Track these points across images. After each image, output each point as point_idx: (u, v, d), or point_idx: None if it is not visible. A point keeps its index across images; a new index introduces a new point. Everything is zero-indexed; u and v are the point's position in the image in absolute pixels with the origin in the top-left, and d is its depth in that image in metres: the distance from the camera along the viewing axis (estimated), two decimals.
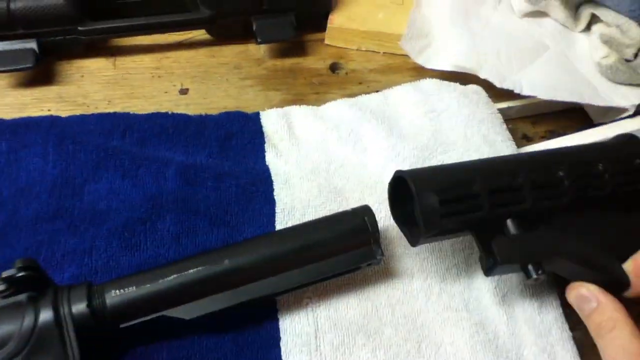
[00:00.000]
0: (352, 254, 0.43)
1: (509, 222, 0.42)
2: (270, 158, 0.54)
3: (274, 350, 0.43)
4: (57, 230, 0.48)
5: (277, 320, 0.45)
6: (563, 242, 0.42)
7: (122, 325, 0.40)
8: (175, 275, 0.41)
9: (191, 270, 0.41)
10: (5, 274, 0.38)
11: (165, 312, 0.40)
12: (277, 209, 0.50)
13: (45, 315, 0.38)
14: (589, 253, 0.42)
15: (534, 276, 0.40)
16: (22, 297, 0.39)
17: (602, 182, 0.44)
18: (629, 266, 0.42)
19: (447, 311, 0.46)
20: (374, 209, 0.45)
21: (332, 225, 0.44)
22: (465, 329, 0.45)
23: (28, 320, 0.38)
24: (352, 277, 0.47)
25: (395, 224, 0.47)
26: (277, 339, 0.44)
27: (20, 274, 0.38)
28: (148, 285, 0.40)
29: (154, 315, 0.40)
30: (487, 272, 0.42)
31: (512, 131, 0.58)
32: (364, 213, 0.44)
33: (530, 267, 0.41)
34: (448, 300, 0.46)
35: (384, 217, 0.50)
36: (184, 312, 0.41)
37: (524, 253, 0.41)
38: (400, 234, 0.49)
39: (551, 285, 0.47)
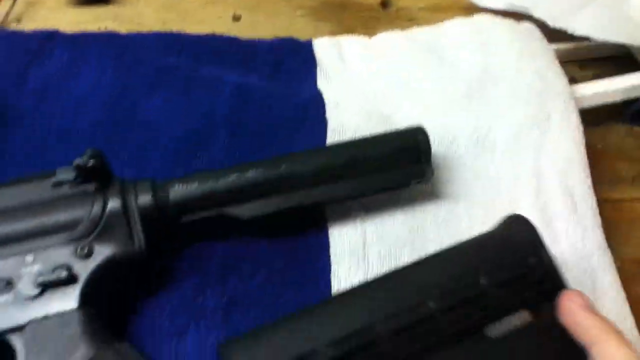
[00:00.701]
0: (403, 170, 0.45)
1: None
2: (322, 83, 0.55)
3: (323, 257, 0.45)
4: (115, 138, 0.50)
5: (326, 230, 0.46)
6: None
7: (183, 220, 0.42)
8: (235, 175, 0.42)
9: (250, 172, 0.42)
10: (76, 162, 0.40)
11: (224, 210, 0.42)
12: (329, 129, 0.51)
13: (113, 203, 0.40)
14: None
15: None
16: (90, 186, 0.41)
17: (488, 301, 0.36)
18: None
19: None
20: None
21: (386, 141, 0.45)
22: None
23: (97, 207, 0.40)
24: (399, 195, 0.48)
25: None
26: (326, 247, 0.46)
27: (90, 163, 0.40)
28: (210, 182, 0.42)
29: (213, 212, 0.42)
30: None
31: None
32: (417, 132, 0.45)
33: None
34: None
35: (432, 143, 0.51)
36: (241, 210, 0.42)
37: None
38: (446, 157, 0.50)
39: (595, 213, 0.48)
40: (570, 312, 0.37)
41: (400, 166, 0.45)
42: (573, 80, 0.60)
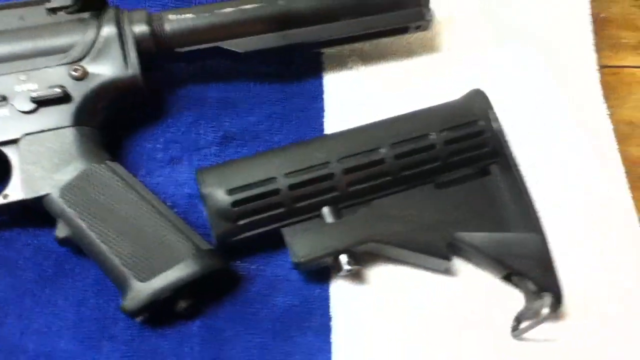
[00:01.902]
0: (402, 13, 0.44)
1: (324, 210, 0.39)
2: None
3: (318, 101, 0.46)
4: None
5: (321, 76, 0.47)
6: (380, 225, 0.39)
7: (178, 50, 0.41)
8: (232, 9, 0.42)
9: (247, 6, 0.42)
10: None
11: (220, 43, 0.42)
12: None
13: (108, 29, 0.40)
14: (410, 233, 0.39)
15: (344, 269, 0.37)
16: (85, 14, 0.40)
17: (434, 153, 0.40)
18: None
19: None
20: None
21: None
22: None
23: (91, 32, 0.40)
24: (397, 46, 0.48)
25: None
26: (321, 92, 0.46)
27: None
28: (206, 14, 0.41)
29: (209, 45, 0.42)
30: (295, 268, 0.39)
31: None
32: None
33: (342, 258, 0.38)
34: None
35: None
36: (238, 45, 0.42)
37: (327, 246, 0.38)
38: (449, 11, 0.49)
39: None
40: None
41: (399, 8, 0.44)
42: None
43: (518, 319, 0.39)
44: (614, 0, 0.57)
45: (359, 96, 0.46)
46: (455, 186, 0.41)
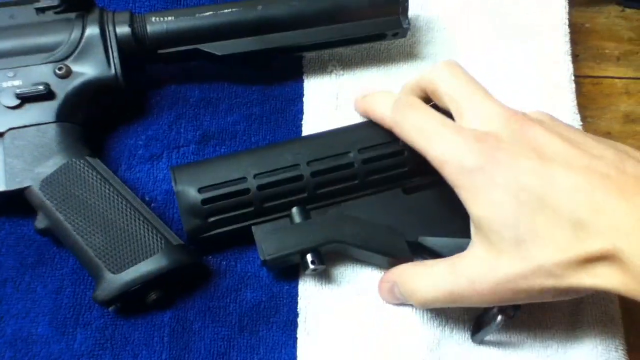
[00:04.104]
0: (380, 20, 0.45)
1: (293, 210, 0.40)
2: None
3: (298, 103, 0.47)
4: None
5: (302, 80, 0.48)
6: (346, 227, 0.40)
7: (160, 52, 0.43)
8: (211, 13, 0.43)
9: (226, 10, 0.43)
10: None
11: (199, 45, 0.43)
12: None
13: (91, 30, 0.42)
14: (374, 236, 0.40)
15: (310, 267, 0.39)
16: (72, 14, 0.42)
17: (402, 159, 0.41)
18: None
19: None
20: None
21: None
22: None
23: (76, 32, 0.42)
24: (377, 52, 0.49)
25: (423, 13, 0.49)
26: (301, 95, 0.47)
27: None
28: (186, 18, 0.43)
29: (189, 46, 0.43)
30: (263, 265, 0.40)
31: None
32: None
33: (308, 257, 0.39)
34: None
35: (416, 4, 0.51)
36: (216, 48, 0.43)
37: (293, 245, 0.39)
38: (429, 21, 0.50)
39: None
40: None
41: (377, 16, 0.45)
42: None
43: (478, 324, 0.40)
44: (600, 11, 0.58)
45: (338, 100, 0.47)
46: (422, 192, 0.42)
